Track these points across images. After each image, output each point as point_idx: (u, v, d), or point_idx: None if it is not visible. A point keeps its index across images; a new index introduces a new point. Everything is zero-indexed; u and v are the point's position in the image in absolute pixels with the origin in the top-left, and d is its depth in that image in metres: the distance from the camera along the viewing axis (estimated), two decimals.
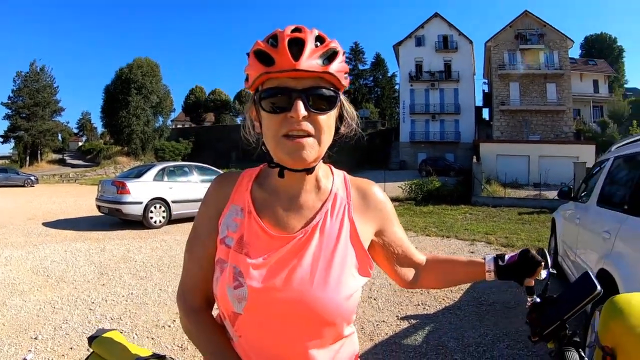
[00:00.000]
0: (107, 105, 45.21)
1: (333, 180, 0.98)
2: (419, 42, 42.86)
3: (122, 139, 45.04)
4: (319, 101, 0.83)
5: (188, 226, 9.95)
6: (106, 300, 4.65)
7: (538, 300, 0.98)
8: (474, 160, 25.74)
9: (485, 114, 45.87)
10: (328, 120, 0.85)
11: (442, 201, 16.54)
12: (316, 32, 0.85)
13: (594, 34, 57.00)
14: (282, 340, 0.85)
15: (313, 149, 0.83)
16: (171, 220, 10.29)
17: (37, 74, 45.94)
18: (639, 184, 3.01)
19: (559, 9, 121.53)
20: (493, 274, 1.05)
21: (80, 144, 62.16)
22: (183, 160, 42.30)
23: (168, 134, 48.89)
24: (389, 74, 62.91)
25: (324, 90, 0.83)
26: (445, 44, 42.17)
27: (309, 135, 0.82)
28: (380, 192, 1.03)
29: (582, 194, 4.77)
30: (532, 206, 15.94)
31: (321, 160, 0.92)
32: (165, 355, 1.09)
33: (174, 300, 4.58)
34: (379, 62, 62.04)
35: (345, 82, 0.87)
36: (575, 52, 44.59)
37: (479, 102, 45.10)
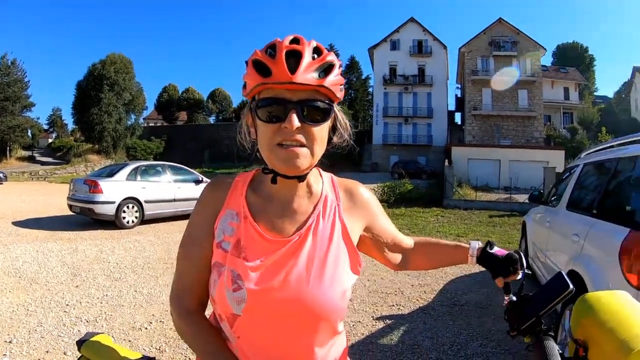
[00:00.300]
0: (79, 101, 44.05)
1: (322, 183, 1.02)
2: (394, 46, 43.34)
3: (94, 136, 43.95)
4: (313, 113, 0.85)
5: (161, 227, 9.94)
6: (81, 302, 4.55)
7: (514, 298, 1.04)
8: (446, 163, 26.16)
9: (458, 118, 46.78)
10: (321, 131, 0.88)
11: (414, 204, 16.65)
12: (314, 44, 0.87)
13: (566, 43, 58.55)
14: (281, 339, 0.88)
15: (306, 159, 0.86)
16: (144, 221, 10.13)
17: (7, 67, 44.21)
18: (607, 189, 3.16)
19: (533, 18, 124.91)
20: (475, 258, 1.11)
21: (50, 140, 60.50)
22: (155, 159, 41.69)
23: (140, 132, 47.97)
24: (363, 77, 63.12)
25: (318, 102, 0.86)
26: (419, 48, 42.71)
27: (302, 145, 0.85)
28: (366, 191, 1.08)
29: (552, 199, 4.93)
30: (503, 209, 16.24)
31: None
32: (154, 358, 1.10)
33: (149, 302, 4.57)
34: (353, 65, 62.13)
35: (340, 94, 0.90)
36: (547, 59, 45.89)
37: (452, 106, 46.04)
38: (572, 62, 50.12)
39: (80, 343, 1.14)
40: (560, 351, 0.91)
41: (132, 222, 9.81)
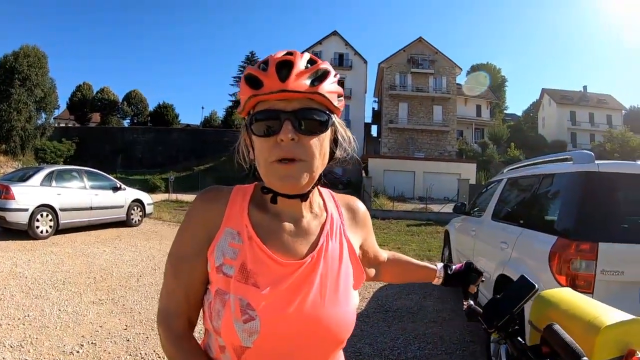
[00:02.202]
0: None
1: (324, 200, 1.00)
2: (316, 57, 44.00)
3: (1, 135, 39.73)
4: (310, 123, 0.82)
5: (77, 237, 9.33)
6: (0, 325, 4.06)
7: (472, 302, 1.23)
8: (363, 174, 26.96)
9: (374, 130, 48.27)
10: (320, 143, 0.84)
11: None
12: (308, 56, 0.86)
13: (480, 64, 62.43)
14: None
15: (304, 174, 0.82)
16: (58, 230, 9.38)
17: None
18: (532, 202, 3.53)
19: (451, 38, 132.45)
20: (442, 280, 1.29)
21: None
22: (65, 163, 38.48)
23: (50, 133, 44.18)
24: None
25: (314, 111, 0.82)
26: (341, 61, 43.56)
27: (300, 160, 0.81)
28: (363, 206, 1.09)
29: (475, 210, 5.31)
30: (419, 218, 17.06)
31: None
32: None
33: (77, 322, 4.22)
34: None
35: (340, 104, 0.87)
36: (462, 78, 48.96)
37: (369, 118, 47.35)
38: (484, 81, 53.81)
39: None
40: (522, 343, 1.05)
41: (47, 231, 9.00)
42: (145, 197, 12.15)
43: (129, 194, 11.42)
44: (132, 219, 11.37)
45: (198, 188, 25.18)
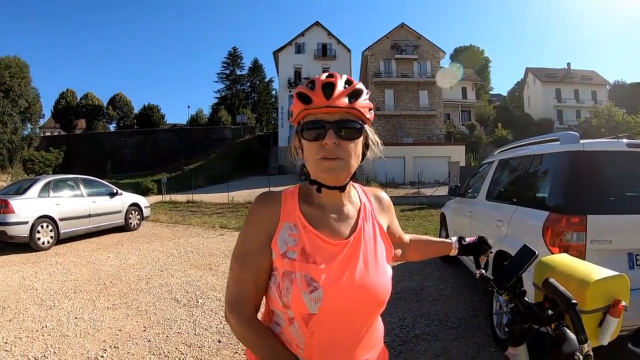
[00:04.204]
0: None
1: (357, 192, 1.21)
2: (299, 49, 43.98)
3: None
4: (348, 131, 1.04)
5: (79, 245, 9.36)
6: (20, 338, 4.09)
7: (484, 271, 1.43)
8: None
9: None
10: (355, 147, 1.06)
11: None
12: (345, 77, 1.08)
13: (464, 46, 63.38)
14: (350, 325, 1.05)
15: (343, 170, 1.04)
16: (59, 240, 9.41)
17: None
18: (524, 181, 3.76)
19: (433, 22, 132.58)
20: (457, 250, 1.54)
21: None
22: (54, 172, 38.00)
23: (37, 143, 43.68)
24: (266, 80, 63.34)
25: (351, 122, 1.04)
26: (324, 51, 43.71)
27: (339, 158, 1.02)
28: (387, 196, 1.32)
29: (469, 191, 5.52)
30: (412, 203, 17.36)
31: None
32: None
33: (95, 328, 4.30)
34: (256, 68, 62.06)
35: (370, 115, 1.10)
36: (446, 62, 49.22)
37: None
38: (469, 64, 54.11)
39: None
40: (528, 301, 1.23)
41: (48, 242, 8.99)
42: (142, 201, 12.21)
43: (126, 198, 11.46)
44: (131, 223, 11.43)
45: (191, 188, 25.24)
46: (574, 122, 43.70)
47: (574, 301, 1.04)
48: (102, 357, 3.65)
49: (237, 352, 3.66)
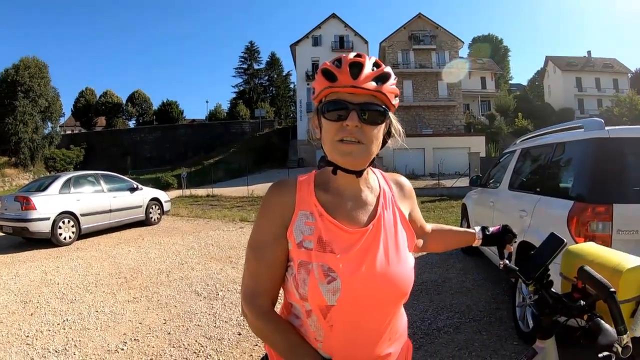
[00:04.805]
0: None
1: (377, 178, 1.15)
2: (316, 41, 43.70)
3: (9, 148, 39.47)
4: (371, 115, 0.97)
5: (100, 240, 9.49)
6: (42, 332, 4.15)
7: (507, 261, 1.37)
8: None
9: None
10: (377, 132, 0.99)
11: None
12: (374, 59, 1.01)
13: (482, 35, 62.30)
14: (370, 319, 1.00)
15: (362, 154, 0.98)
16: (81, 235, 9.55)
17: None
18: (546, 170, 3.65)
19: (451, 12, 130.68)
20: (481, 240, 1.46)
21: None
22: (75, 169, 38.81)
23: (58, 141, 44.50)
24: (284, 73, 63.11)
25: (376, 106, 0.98)
26: (341, 43, 43.32)
27: (359, 142, 0.96)
28: (408, 182, 1.26)
29: (491, 181, 5.42)
30: (432, 194, 17.22)
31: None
32: None
33: (116, 321, 4.34)
34: (274, 62, 61.92)
35: (395, 102, 1.03)
36: (464, 51, 48.55)
37: None
38: (485, 51, 53.29)
39: None
40: (556, 292, 1.17)
41: (69, 237, 9.16)
42: (162, 195, 12.33)
43: (146, 193, 11.58)
44: (151, 218, 11.55)
45: (211, 182, 25.48)
46: (595, 111, 42.57)
47: (613, 289, 0.97)
48: (123, 349, 3.68)
49: (257, 345, 3.65)
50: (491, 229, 1.47)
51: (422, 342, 3.58)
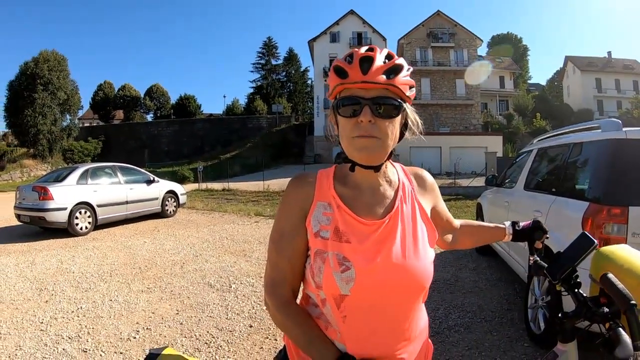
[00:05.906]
0: (11, 103, 40.49)
1: (397, 172, 1.15)
2: (334, 38, 43.59)
3: (28, 140, 40.24)
4: (385, 109, 0.96)
5: (115, 231, 9.62)
6: (56, 319, 4.23)
7: (537, 258, 1.32)
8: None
9: None
10: (392, 126, 0.98)
11: None
12: (386, 52, 1.01)
13: (501, 34, 61.54)
14: (386, 313, 0.99)
15: (378, 149, 0.98)
16: (97, 226, 9.72)
17: None
18: (562, 170, 3.60)
19: (470, 10, 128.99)
20: (511, 236, 1.42)
21: None
22: (93, 161, 39.43)
23: (76, 134, 45.11)
24: (302, 69, 62.97)
25: (389, 99, 0.97)
26: (359, 40, 43.11)
27: (375, 137, 0.96)
28: (430, 176, 1.24)
29: (506, 181, 5.37)
30: (448, 194, 17.01)
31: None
32: None
33: (129, 310, 4.41)
34: (291, 57, 61.81)
35: (411, 94, 1.02)
36: (483, 50, 47.99)
37: None
38: (507, 52, 52.51)
39: None
40: (584, 294, 1.13)
41: (86, 228, 9.32)
42: (178, 188, 12.46)
43: (163, 186, 11.71)
44: (167, 210, 11.68)
45: (227, 176, 25.61)
46: (615, 113, 41.64)
47: (634, 302, 0.93)
48: (135, 338, 3.75)
49: (267, 337, 3.69)
50: (521, 224, 1.43)
51: (432, 340, 3.41)
